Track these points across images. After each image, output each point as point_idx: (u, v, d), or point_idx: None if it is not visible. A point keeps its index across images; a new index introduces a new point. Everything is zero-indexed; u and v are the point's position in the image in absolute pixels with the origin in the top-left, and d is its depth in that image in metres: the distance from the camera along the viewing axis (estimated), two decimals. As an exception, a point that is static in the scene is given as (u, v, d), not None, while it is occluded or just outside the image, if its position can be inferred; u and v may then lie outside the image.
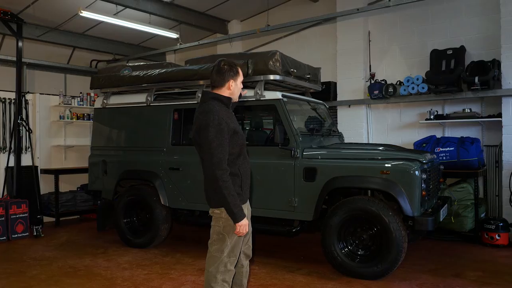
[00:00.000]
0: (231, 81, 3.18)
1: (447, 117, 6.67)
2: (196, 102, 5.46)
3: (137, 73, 6.15)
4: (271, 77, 5.23)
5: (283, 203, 4.96)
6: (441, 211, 4.82)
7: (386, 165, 4.51)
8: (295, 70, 5.54)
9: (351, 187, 4.78)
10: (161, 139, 5.89)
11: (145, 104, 6.06)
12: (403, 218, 4.50)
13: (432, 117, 6.76)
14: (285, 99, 5.21)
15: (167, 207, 5.79)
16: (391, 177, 4.44)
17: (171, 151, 5.80)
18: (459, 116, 6.57)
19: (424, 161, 4.66)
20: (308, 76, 5.94)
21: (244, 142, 3.19)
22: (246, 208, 3.24)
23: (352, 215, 4.58)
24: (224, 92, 3.18)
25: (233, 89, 3.21)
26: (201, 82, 5.60)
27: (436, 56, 6.68)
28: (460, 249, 5.70)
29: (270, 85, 5.74)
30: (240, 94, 4.08)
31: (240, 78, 3.25)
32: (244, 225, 3.03)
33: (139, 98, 6.15)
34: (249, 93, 5.23)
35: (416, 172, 4.37)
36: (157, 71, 5.97)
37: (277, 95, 5.19)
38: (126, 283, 4.55)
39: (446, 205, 5.23)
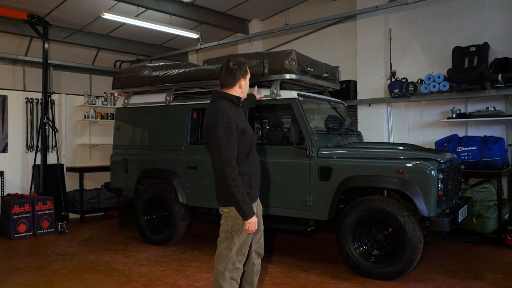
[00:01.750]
0: (242, 79, 3.22)
1: (470, 115, 6.51)
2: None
3: (156, 73, 6.26)
4: (287, 76, 5.23)
5: (298, 202, 4.96)
6: (459, 211, 4.71)
7: (402, 164, 4.45)
8: (312, 69, 5.52)
9: (367, 187, 4.74)
10: (180, 138, 5.99)
11: (164, 104, 6.16)
12: (421, 218, 4.44)
13: (454, 115, 6.62)
14: (300, 98, 5.20)
15: (185, 205, 5.87)
16: (406, 177, 4.37)
17: (189, 150, 5.88)
18: (482, 115, 6.40)
19: (441, 161, 4.57)
20: (326, 75, 5.90)
21: (253, 141, 3.22)
22: (256, 206, 3.28)
23: (367, 215, 4.54)
24: (235, 91, 3.22)
25: (244, 87, 3.26)
26: (219, 82, 5.64)
27: (459, 53, 6.54)
28: (481, 251, 5.57)
29: (288, 84, 5.75)
30: (254, 96, 4.15)
31: (249, 76, 3.29)
32: (254, 223, 3.06)
33: (159, 98, 6.26)
34: (265, 92, 5.26)
35: (432, 172, 4.29)
36: (175, 71, 6.06)
37: (293, 94, 5.19)
38: (142, 279, 4.65)
39: (466, 205, 5.11)
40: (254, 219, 3.07)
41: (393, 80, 7.30)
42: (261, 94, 4.59)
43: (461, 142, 6.17)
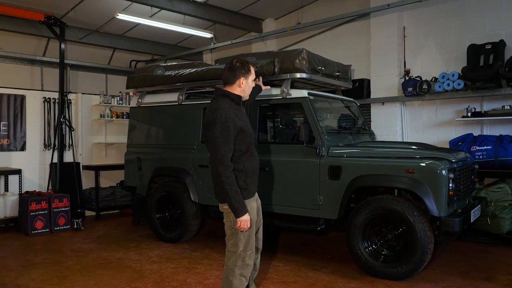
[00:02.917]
0: (242, 78, 3.24)
1: (485, 114, 6.40)
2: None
3: (169, 72, 6.33)
4: (298, 75, 5.22)
5: (308, 201, 4.96)
6: (471, 212, 4.65)
7: (412, 164, 4.41)
8: (323, 68, 5.50)
9: (377, 186, 4.72)
10: (192, 137, 6.04)
11: (177, 103, 6.23)
12: (431, 218, 4.39)
13: (469, 114, 6.51)
14: (311, 97, 5.20)
15: (197, 203, 5.92)
16: (417, 176, 4.33)
17: (201, 148, 5.92)
18: (498, 114, 6.29)
19: (453, 160, 4.52)
20: (338, 73, 5.88)
21: (252, 140, 3.27)
22: (255, 201, 3.33)
23: (377, 214, 4.51)
24: (235, 89, 3.25)
25: (244, 86, 3.27)
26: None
27: (474, 51, 6.43)
28: (495, 252, 5.48)
29: (299, 83, 5.74)
30: (259, 87, 4.17)
31: (252, 76, 3.31)
32: (245, 221, 3.10)
33: (171, 97, 6.33)
34: (275, 91, 5.28)
35: (443, 172, 4.24)
36: (188, 70, 6.11)
37: (303, 93, 5.18)
38: (153, 275, 4.72)
39: (479, 205, 5.04)
40: (246, 217, 3.10)
41: (407, 78, 7.23)
42: (268, 86, 4.58)
43: (476, 141, 6.08)
